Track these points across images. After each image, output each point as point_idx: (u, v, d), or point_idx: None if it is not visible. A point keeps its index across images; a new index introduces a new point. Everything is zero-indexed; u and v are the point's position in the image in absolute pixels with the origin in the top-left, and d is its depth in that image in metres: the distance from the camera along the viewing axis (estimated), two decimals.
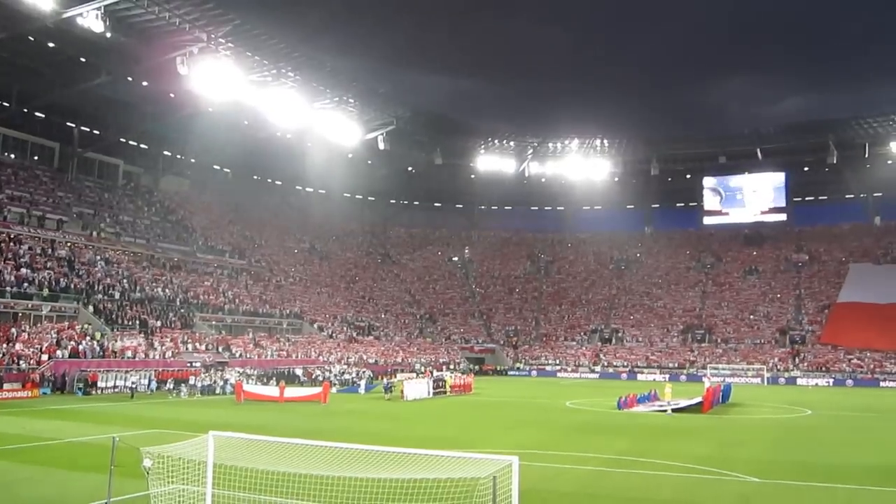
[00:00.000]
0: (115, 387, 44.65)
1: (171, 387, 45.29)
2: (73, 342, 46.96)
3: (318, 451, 13.78)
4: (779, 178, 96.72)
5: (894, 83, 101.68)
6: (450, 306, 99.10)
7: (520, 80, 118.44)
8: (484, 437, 27.03)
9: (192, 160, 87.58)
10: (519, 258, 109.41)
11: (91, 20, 48.99)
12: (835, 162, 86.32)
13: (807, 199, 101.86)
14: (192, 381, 46.08)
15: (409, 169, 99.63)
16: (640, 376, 77.11)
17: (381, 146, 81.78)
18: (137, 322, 54.66)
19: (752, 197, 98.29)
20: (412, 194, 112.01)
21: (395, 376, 56.69)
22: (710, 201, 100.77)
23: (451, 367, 75.28)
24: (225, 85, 59.90)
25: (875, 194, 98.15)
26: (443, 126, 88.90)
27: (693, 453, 23.31)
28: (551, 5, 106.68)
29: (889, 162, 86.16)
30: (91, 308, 53.03)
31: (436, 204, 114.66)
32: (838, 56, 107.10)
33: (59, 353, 45.31)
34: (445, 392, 49.35)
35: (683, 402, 39.56)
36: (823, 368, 74.64)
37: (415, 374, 59.24)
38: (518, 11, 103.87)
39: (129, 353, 48.97)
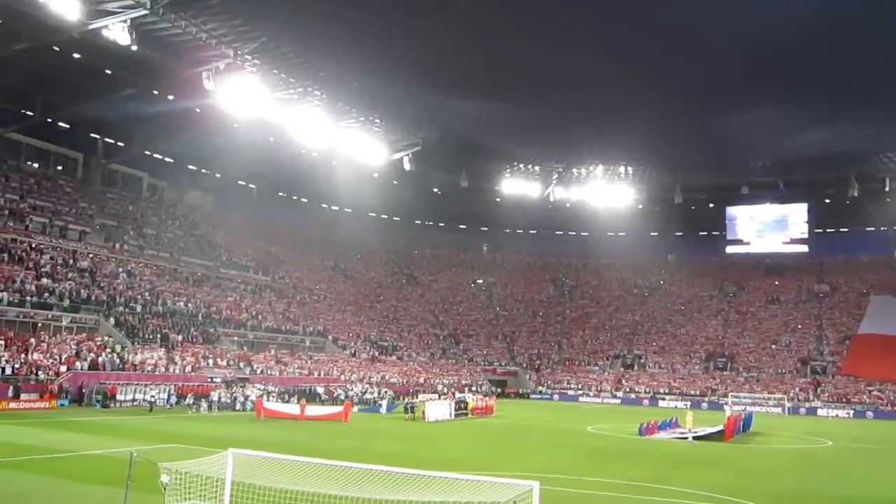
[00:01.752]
0: (133, 400, 44.45)
1: (191, 402, 45.15)
2: (92, 354, 46.95)
3: (336, 471, 13.81)
4: (801, 209, 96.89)
5: None
6: (473, 328, 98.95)
7: (547, 106, 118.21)
8: (505, 460, 26.84)
9: (217, 175, 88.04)
10: (543, 282, 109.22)
11: (117, 33, 48.97)
12: (856, 195, 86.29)
13: (828, 230, 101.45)
14: (212, 396, 46.05)
15: (435, 190, 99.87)
16: (661, 403, 76.65)
17: (407, 167, 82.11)
18: (158, 336, 54.68)
19: (774, 227, 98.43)
20: (437, 216, 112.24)
21: (417, 397, 56.41)
22: (732, 231, 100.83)
23: (474, 388, 74.98)
24: (251, 102, 60.13)
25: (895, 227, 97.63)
26: (469, 149, 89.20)
27: (713, 482, 23.11)
28: (580, 32, 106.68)
29: None
30: (112, 320, 53.09)
31: (461, 226, 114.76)
32: (862, 90, 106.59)
33: (78, 364, 45.29)
34: (467, 414, 49.14)
35: (705, 430, 39.41)
36: (844, 399, 73.98)
37: (437, 396, 58.96)
38: (547, 37, 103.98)
39: (148, 367, 48.95)
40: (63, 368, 44.17)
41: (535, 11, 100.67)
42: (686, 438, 38.27)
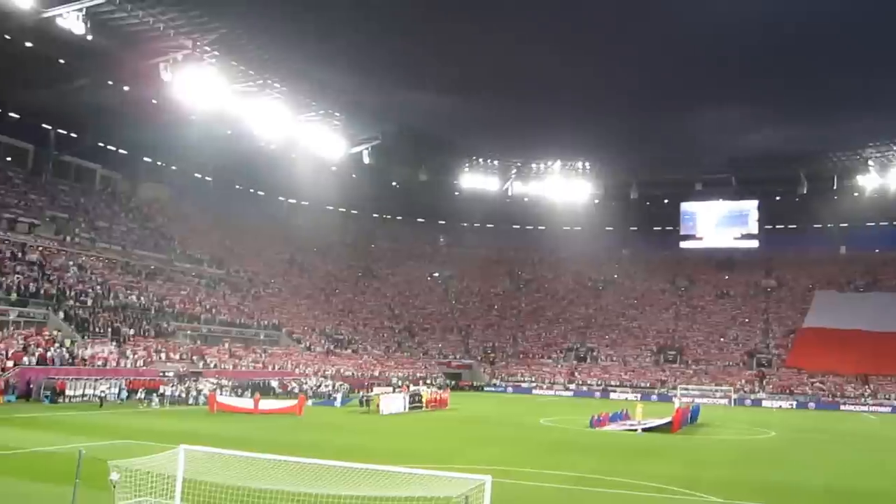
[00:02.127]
0: (83, 395, 43.48)
1: (143, 396, 44.48)
2: (41, 349, 45.70)
3: (290, 466, 13.79)
4: (752, 205, 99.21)
5: (863, 119, 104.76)
6: (429, 321, 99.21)
7: (507, 101, 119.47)
8: (458, 453, 27.15)
9: (173, 167, 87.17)
10: (499, 276, 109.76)
11: (72, 21, 48.03)
12: (805, 192, 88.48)
13: (777, 226, 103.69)
14: (163, 391, 45.46)
15: (394, 184, 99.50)
16: (612, 395, 78.01)
17: (366, 160, 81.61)
18: (110, 330, 53.71)
19: (726, 223, 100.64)
20: (395, 209, 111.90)
21: (372, 390, 56.51)
22: (686, 226, 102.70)
23: (428, 381, 75.26)
24: (209, 93, 59.39)
25: (841, 225, 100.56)
26: (428, 143, 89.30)
27: (661, 473, 23.58)
28: (539, 30, 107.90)
29: (855, 194, 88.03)
30: (62, 314, 52.02)
31: (419, 219, 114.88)
32: (813, 91, 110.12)
33: (25, 359, 44.06)
34: (421, 407, 49.45)
35: (654, 422, 40.21)
36: (788, 391, 76.38)
37: (391, 389, 59.14)
38: (508, 36, 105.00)
39: (99, 362, 48.06)
40: (10, 364, 42.98)
41: (496, 10, 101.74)
42: (636, 430, 39.10)
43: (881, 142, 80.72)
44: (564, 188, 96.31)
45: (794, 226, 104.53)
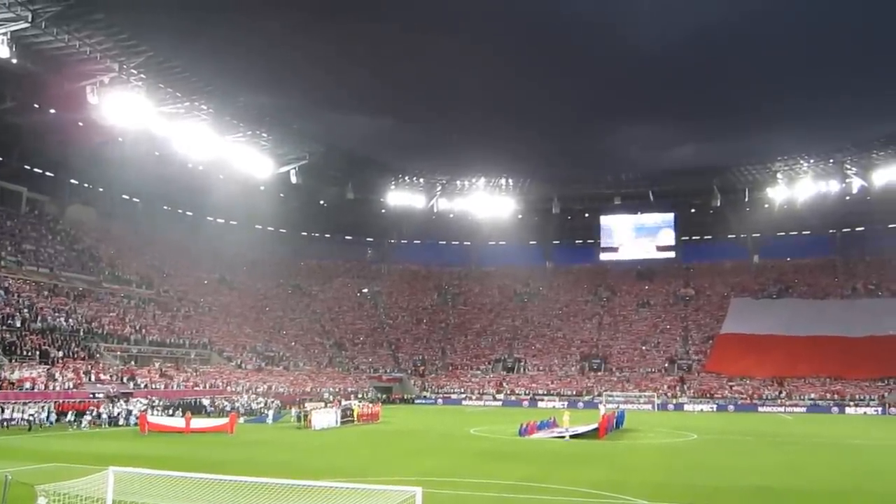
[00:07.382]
0: (11, 419, 42.69)
1: (72, 419, 43.95)
2: None
3: (221, 484, 14.04)
4: (668, 218, 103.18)
5: (771, 135, 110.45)
6: (359, 336, 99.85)
7: (431, 121, 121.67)
8: (390, 466, 27.46)
9: (101, 189, 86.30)
10: (427, 290, 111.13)
11: None
12: (719, 205, 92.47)
13: (693, 238, 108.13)
14: (92, 412, 45.11)
15: (321, 202, 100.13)
16: (540, 403, 79.61)
17: (294, 180, 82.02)
18: (38, 353, 53.01)
19: (644, 235, 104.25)
20: (324, 227, 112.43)
21: (305, 405, 56.95)
22: (606, 239, 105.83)
23: (360, 395, 75.88)
24: (136, 115, 59.44)
25: (754, 235, 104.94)
26: (355, 162, 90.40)
27: (589, 478, 24.05)
28: (462, 51, 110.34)
29: (766, 206, 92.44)
30: None
31: (347, 237, 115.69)
32: (724, 108, 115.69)
33: None
34: (353, 421, 49.98)
35: (581, 429, 41.18)
36: (708, 395, 79.17)
37: (323, 404, 59.64)
38: (431, 56, 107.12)
39: (27, 385, 47.45)
40: None
41: (421, 33, 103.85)
42: (563, 437, 39.97)
43: (789, 156, 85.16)
44: (488, 204, 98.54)
45: (710, 237, 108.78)
